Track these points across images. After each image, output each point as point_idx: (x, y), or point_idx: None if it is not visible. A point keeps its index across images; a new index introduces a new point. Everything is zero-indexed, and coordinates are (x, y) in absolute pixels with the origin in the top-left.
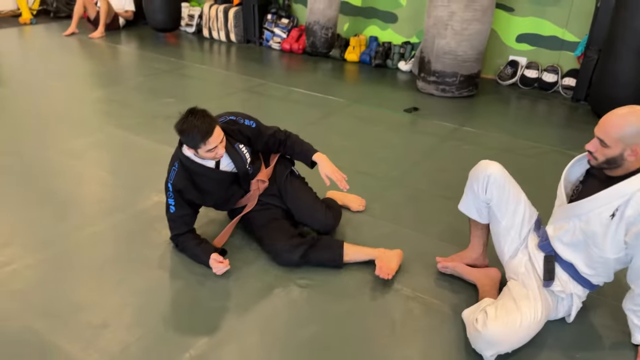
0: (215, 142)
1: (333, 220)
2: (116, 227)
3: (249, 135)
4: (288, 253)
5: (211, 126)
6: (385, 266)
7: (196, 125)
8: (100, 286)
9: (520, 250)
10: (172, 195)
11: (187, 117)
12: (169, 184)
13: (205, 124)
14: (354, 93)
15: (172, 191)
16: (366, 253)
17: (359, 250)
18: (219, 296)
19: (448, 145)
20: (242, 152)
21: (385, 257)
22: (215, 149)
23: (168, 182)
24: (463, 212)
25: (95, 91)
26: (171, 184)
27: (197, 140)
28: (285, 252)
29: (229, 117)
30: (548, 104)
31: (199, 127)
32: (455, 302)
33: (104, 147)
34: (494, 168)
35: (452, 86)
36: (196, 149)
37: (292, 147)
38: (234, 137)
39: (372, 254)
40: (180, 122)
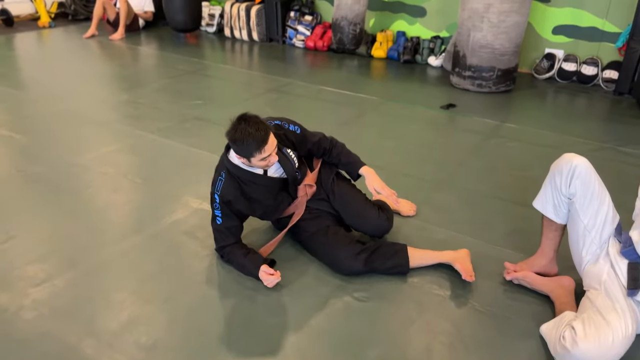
0: (270, 150)
1: (387, 222)
2: (156, 238)
3: (293, 141)
4: (351, 260)
5: (266, 134)
6: (466, 268)
7: (251, 133)
8: (146, 303)
9: (601, 257)
10: (219, 207)
11: (239, 124)
12: (215, 194)
13: (261, 132)
14: (386, 90)
15: (219, 202)
16: (433, 257)
17: (425, 253)
18: (273, 312)
19: (492, 142)
20: (291, 157)
21: (460, 258)
22: (269, 157)
23: (215, 193)
24: (538, 210)
25: (120, 94)
26: (218, 195)
27: (252, 149)
28: (348, 260)
29: (275, 122)
30: (588, 97)
31: (254, 136)
32: (530, 315)
33: (135, 152)
34: (580, 160)
35: (489, 81)
36: (249, 158)
37: (337, 157)
38: (281, 142)
39: (439, 257)
40: (233, 130)
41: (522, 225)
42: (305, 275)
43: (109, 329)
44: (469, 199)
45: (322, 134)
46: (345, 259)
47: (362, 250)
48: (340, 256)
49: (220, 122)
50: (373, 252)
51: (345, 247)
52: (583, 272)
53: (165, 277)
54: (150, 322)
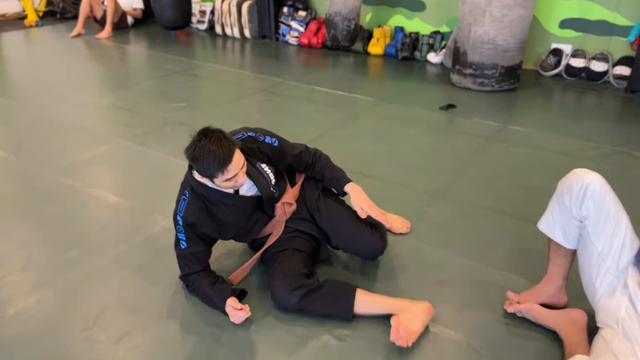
0: (236, 170)
1: (381, 242)
2: (119, 261)
3: (269, 155)
4: (285, 293)
5: (230, 151)
6: (403, 329)
7: (211, 150)
8: (94, 343)
9: (619, 289)
10: (183, 230)
11: (199, 140)
12: (178, 216)
13: (223, 149)
14: (382, 90)
15: (182, 225)
16: (384, 305)
17: (375, 300)
18: (239, 354)
19: (494, 147)
20: (266, 173)
21: (405, 316)
22: (234, 178)
23: (177, 215)
24: (544, 233)
25: (102, 97)
26: (181, 217)
27: (213, 168)
28: (281, 292)
29: (247, 134)
30: (598, 96)
31: (215, 153)
32: (534, 356)
33: (109, 162)
34: (592, 177)
35: (492, 79)
36: (212, 178)
37: (321, 172)
38: (253, 157)
39: (391, 307)
40: (192, 147)
41: (527, 244)
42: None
43: None
44: (468, 213)
45: (304, 147)
46: (278, 291)
47: (300, 286)
48: (274, 285)
49: (201, 126)
50: (312, 292)
51: (283, 279)
52: (597, 305)
53: (124, 310)
54: None
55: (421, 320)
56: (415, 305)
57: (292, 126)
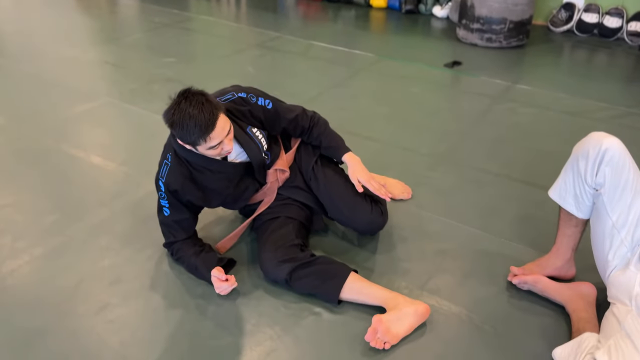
0: (220, 137)
1: (381, 217)
2: (101, 227)
3: (261, 118)
4: (273, 266)
5: (213, 116)
6: (383, 330)
7: (192, 115)
8: (73, 315)
9: (633, 262)
10: (165, 197)
11: (178, 103)
12: (160, 182)
13: (205, 114)
14: (384, 46)
15: (164, 191)
16: (376, 296)
17: (368, 289)
18: (223, 329)
19: (501, 108)
20: (257, 138)
21: (392, 316)
22: (219, 146)
23: (159, 180)
24: (555, 201)
25: (88, 52)
26: (163, 182)
27: (194, 136)
28: (270, 264)
29: (238, 95)
30: (611, 53)
31: (197, 119)
32: (540, 331)
33: (93, 120)
34: (611, 141)
35: (500, 34)
36: (194, 146)
37: (318, 139)
38: (244, 120)
39: (382, 300)
40: (171, 110)
41: (534, 212)
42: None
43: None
44: (473, 177)
45: (301, 109)
46: (267, 262)
47: (290, 259)
48: (263, 257)
49: (191, 83)
50: (303, 266)
51: (274, 250)
52: (608, 279)
53: (105, 280)
54: (75, 339)
55: (409, 323)
56: (409, 305)
57: (288, 84)
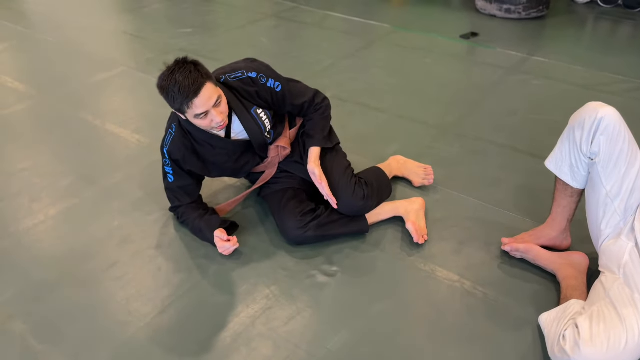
0: (205, 106)
1: (362, 201)
2: (113, 190)
3: (268, 100)
4: (300, 230)
5: (197, 83)
6: (418, 227)
7: (177, 81)
8: (82, 271)
9: (625, 232)
10: (169, 164)
11: (170, 70)
12: (164, 149)
13: (189, 80)
14: (400, 16)
15: (168, 158)
16: (388, 211)
17: (379, 211)
18: (223, 287)
19: (514, 80)
20: (260, 119)
21: (414, 213)
22: (206, 116)
23: (163, 147)
24: (551, 171)
25: (106, 21)
26: (166, 150)
27: (177, 101)
28: (295, 230)
29: (248, 74)
30: (635, 25)
31: (181, 85)
32: (529, 298)
33: (109, 89)
34: (607, 111)
35: (519, 5)
36: (181, 113)
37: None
38: (249, 100)
39: (394, 211)
40: (162, 76)
41: (536, 183)
42: (269, 243)
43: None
44: (478, 149)
45: (311, 96)
46: (292, 229)
47: (313, 218)
48: (288, 225)
49: (205, 54)
50: (326, 219)
51: (295, 216)
52: (600, 248)
53: (113, 240)
54: (93, 297)
55: (423, 215)
56: (413, 203)
57: (300, 55)
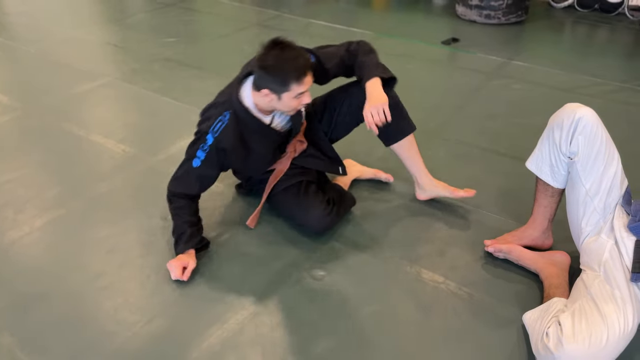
0: (309, 83)
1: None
2: (99, 200)
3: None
4: (326, 219)
5: (307, 62)
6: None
7: (289, 59)
8: (68, 282)
9: (605, 230)
10: (208, 150)
11: (272, 48)
12: (209, 135)
13: (302, 59)
14: (383, 23)
15: (210, 145)
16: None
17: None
18: (213, 296)
19: (495, 84)
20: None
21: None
22: (303, 95)
23: (210, 133)
24: (532, 171)
25: (90, 33)
26: (214, 137)
27: (289, 79)
28: (322, 220)
29: None
30: (611, 29)
31: (295, 63)
32: (513, 298)
33: (94, 100)
34: (584, 111)
35: (498, 11)
36: (283, 91)
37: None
38: None
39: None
40: (265, 55)
41: (518, 185)
42: (257, 248)
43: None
44: (462, 152)
45: (344, 49)
46: (319, 221)
47: (333, 205)
48: (314, 216)
49: (190, 63)
50: (338, 207)
51: (317, 209)
52: (581, 246)
53: (100, 250)
54: None
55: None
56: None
57: None
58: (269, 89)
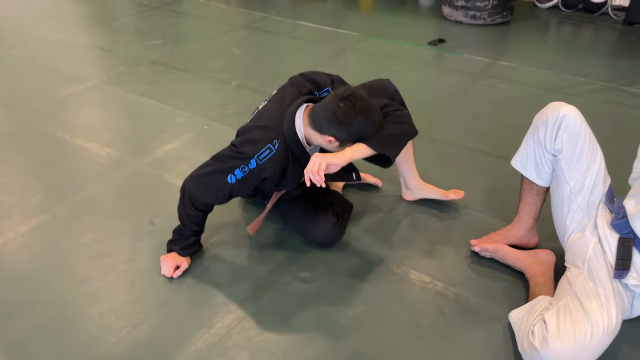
0: None
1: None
2: (84, 205)
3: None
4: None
5: (381, 120)
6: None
7: (372, 115)
8: (54, 287)
9: (588, 228)
10: (246, 172)
11: (355, 104)
12: (253, 160)
13: (376, 114)
14: (370, 24)
15: (251, 170)
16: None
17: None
18: (199, 300)
19: (481, 84)
20: None
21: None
22: None
23: (252, 158)
24: (517, 170)
25: (75, 36)
26: (258, 163)
27: (368, 131)
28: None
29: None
30: (595, 29)
31: (375, 119)
32: (499, 297)
33: (80, 103)
34: (568, 109)
35: (484, 12)
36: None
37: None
38: None
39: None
40: (351, 111)
41: (504, 184)
42: (242, 252)
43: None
44: (448, 153)
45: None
46: (329, 235)
47: (341, 224)
48: (323, 233)
49: (176, 65)
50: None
51: (327, 224)
52: (566, 243)
53: (85, 256)
54: None
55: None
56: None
57: (272, 64)
58: (338, 138)
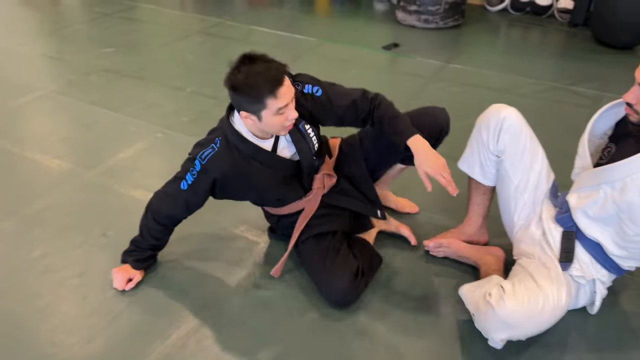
0: (287, 97)
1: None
2: (34, 219)
3: (310, 109)
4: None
5: (281, 73)
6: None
7: (259, 72)
8: (6, 304)
9: (534, 222)
10: (196, 176)
11: (240, 64)
12: (197, 161)
13: (273, 70)
14: (326, 30)
15: (197, 172)
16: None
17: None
18: (153, 311)
19: (434, 87)
20: (308, 135)
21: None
22: (286, 109)
23: (196, 159)
24: (464, 171)
25: (26, 44)
26: (201, 164)
27: (263, 93)
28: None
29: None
30: (542, 31)
31: (265, 75)
32: (453, 293)
33: (28, 114)
34: (509, 111)
35: (436, 15)
36: (260, 111)
37: (380, 121)
38: None
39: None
40: (234, 73)
41: (457, 185)
42: (197, 260)
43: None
44: None
45: (360, 93)
46: (341, 296)
47: (359, 282)
48: (337, 290)
49: (129, 73)
50: (367, 275)
51: (343, 281)
52: (514, 238)
53: (35, 271)
54: None
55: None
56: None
57: (226, 70)
58: (246, 110)
